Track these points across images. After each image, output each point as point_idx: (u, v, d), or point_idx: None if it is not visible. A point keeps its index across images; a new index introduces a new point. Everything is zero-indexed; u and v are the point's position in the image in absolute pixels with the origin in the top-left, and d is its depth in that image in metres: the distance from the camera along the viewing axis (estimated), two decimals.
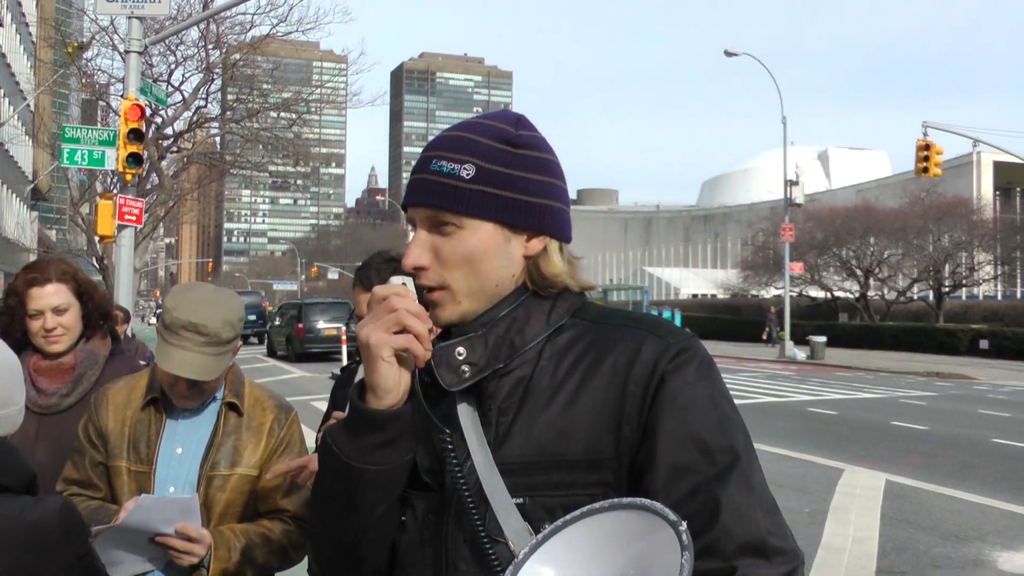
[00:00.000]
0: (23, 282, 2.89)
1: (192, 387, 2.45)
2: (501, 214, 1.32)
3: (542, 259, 1.36)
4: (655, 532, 1.08)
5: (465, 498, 1.27)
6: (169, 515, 2.25)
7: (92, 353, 2.96)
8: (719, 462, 1.26)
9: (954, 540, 7.74)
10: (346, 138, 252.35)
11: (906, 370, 28.79)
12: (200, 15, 22.42)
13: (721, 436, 1.28)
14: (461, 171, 1.31)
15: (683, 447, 1.25)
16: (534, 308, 1.35)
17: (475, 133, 1.35)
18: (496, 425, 1.31)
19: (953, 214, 45.25)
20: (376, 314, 1.25)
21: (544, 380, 1.32)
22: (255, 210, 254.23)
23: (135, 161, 14.05)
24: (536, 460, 1.28)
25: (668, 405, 1.27)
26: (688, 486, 1.24)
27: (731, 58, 34.54)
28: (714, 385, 1.32)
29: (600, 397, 1.29)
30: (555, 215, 1.37)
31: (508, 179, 1.33)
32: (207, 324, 2.36)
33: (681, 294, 73.81)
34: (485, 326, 1.33)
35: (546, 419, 1.30)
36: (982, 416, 16.99)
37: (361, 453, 1.26)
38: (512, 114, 1.41)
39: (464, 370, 1.31)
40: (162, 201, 27.34)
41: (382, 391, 1.25)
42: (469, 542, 1.28)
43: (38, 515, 1.77)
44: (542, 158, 1.37)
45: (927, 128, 25.73)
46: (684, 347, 1.32)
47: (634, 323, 1.36)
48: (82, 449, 2.55)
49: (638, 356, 1.30)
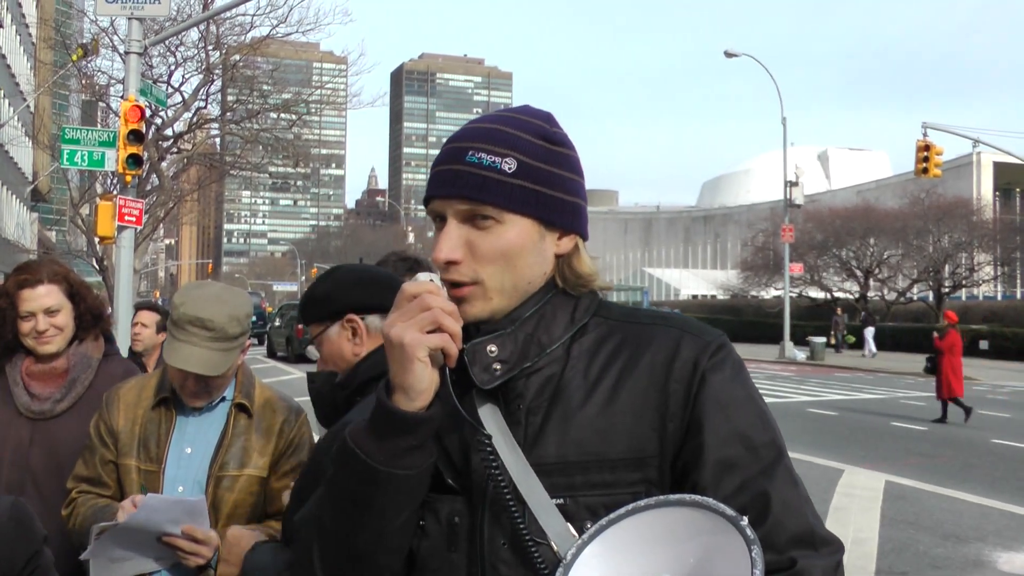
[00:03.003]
0: (14, 284, 2.84)
1: (201, 384, 2.45)
2: (541, 210, 1.30)
3: (575, 258, 1.35)
4: (709, 526, 1.08)
5: (506, 499, 1.23)
6: (176, 516, 2.24)
7: (85, 356, 2.91)
8: (764, 457, 1.27)
9: (954, 540, 7.75)
10: (346, 139, 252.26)
11: (906, 371, 28.79)
12: (200, 16, 22.42)
13: (764, 431, 1.29)
14: (503, 164, 1.28)
15: (729, 443, 1.26)
16: (560, 306, 1.34)
17: (513, 127, 1.32)
18: (525, 425, 1.29)
19: (953, 215, 45.23)
20: (407, 312, 1.21)
21: (576, 379, 1.30)
22: (255, 211, 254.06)
23: (135, 162, 14.05)
24: (576, 460, 1.27)
25: (712, 402, 1.28)
26: (736, 481, 1.24)
27: (731, 59, 34.56)
28: (747, 382, 1.34)
29: (640, 395, 1.29)
30: (583, 214, 1.36)
31: (547, 176, 1.31)
32: (213, 319, 2.37)
33: (681, 295, 73.83)
34: (514, 323, 1.31)
35: (583, 418, 1.28)
36: (982, 417, 16.98)
37: (390, 457, 1.22)
38: (542, 110, 1.39)
39: (495, 368, 1.28)
40: (162, 202, 27.31)
41: (415, 392, 1.20)
42: (510, 544, 1.25)
43: None
44: (573, 156, 1.37)
45: (927, 129, 25.72)
46: (720, 344, 1.33)
47: (664, 321, 1.36)
48: (93, 447, 2.55)
49: (677, 354, 1.30)
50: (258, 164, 29.32)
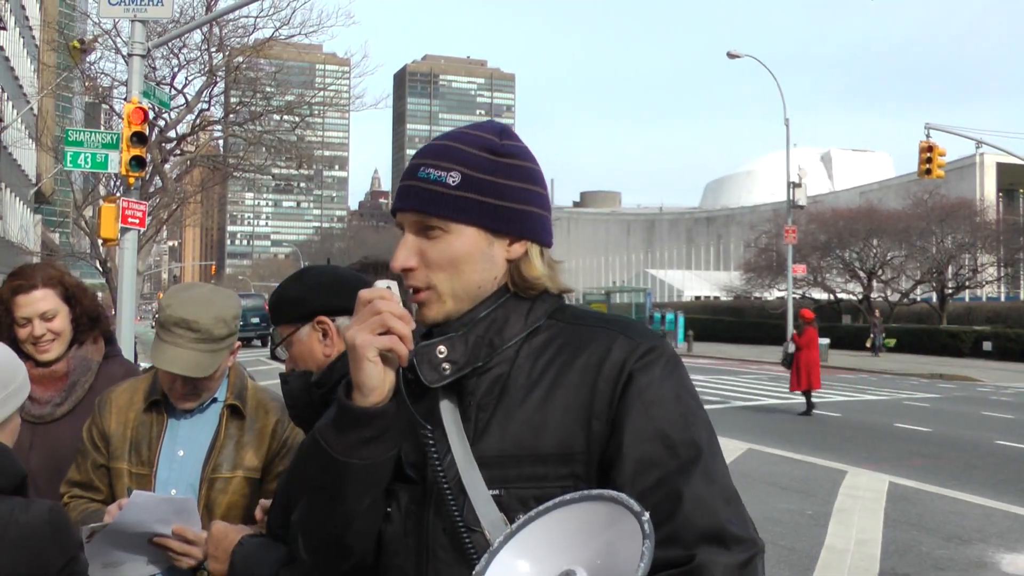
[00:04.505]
0: (8, 289, 2.82)
1: (189, 386, 2.44)
2: (485, 219, 1.39)
3: (523, 262, 1.43)
4: (621, 522, 1.13)
5: (444, 490, 1.33)
6: (165, 515, 2.23)
7: (85, 359, 2.90)
8: (682, 456, 1.31)
9: (957, 542, 7.73)
10: (349, 141, 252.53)
11: (909, 372, 28.76)
12: (203, 18, 22.43)
13: (684, 431, 1.33)
14: (447, 178, 1.38)
15: (648, 441, 1.32)
16: (513, 309, 1.42)
17: (461, 142, 1.42)
18: (475, 421, 1.38)
19: (956, 216, 45.19)
20: (362, 316, 1.31)
21: (520, 378, 1.39)
22: (258, 213, 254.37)
23: (138, 164, 14.06)
24: (512, 454, 1.35)
25: (635, 401, 1.34)
26: (653, 478, 1.30)
27: (734, 61, 34.58)
28: (680, 383, 1.38)
29: (572, 394, 1.36)
30: (536, 221, 1.44)
31: (492, 186, 1.39)
32: (199, 320, 2.37)
33: (684, 296, 73.75)
34: (466, 326, 1.40)
35: (521, 415, 1.36)
36: (985, 418, 16.97)
37: (348, 448, 1.33)
38: (497, 124, 1.48)
39: (445, 368, 1.38)
40: (165, 204, 27.31)
41: (367, 389, 1.31)
42: (448, 531, 1.34)
43: (28, 516, 1.77)
44: (524, 167, 1.44)
45: (930, 130, 25.69)
46: (652, 347, 1.38)
47: (606, 324, 1.43)
48: (85, 451, 2.54)
49: (608, 355, 1.37)
50: (261, 166, 29.29)
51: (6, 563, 1.72)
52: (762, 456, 12.06)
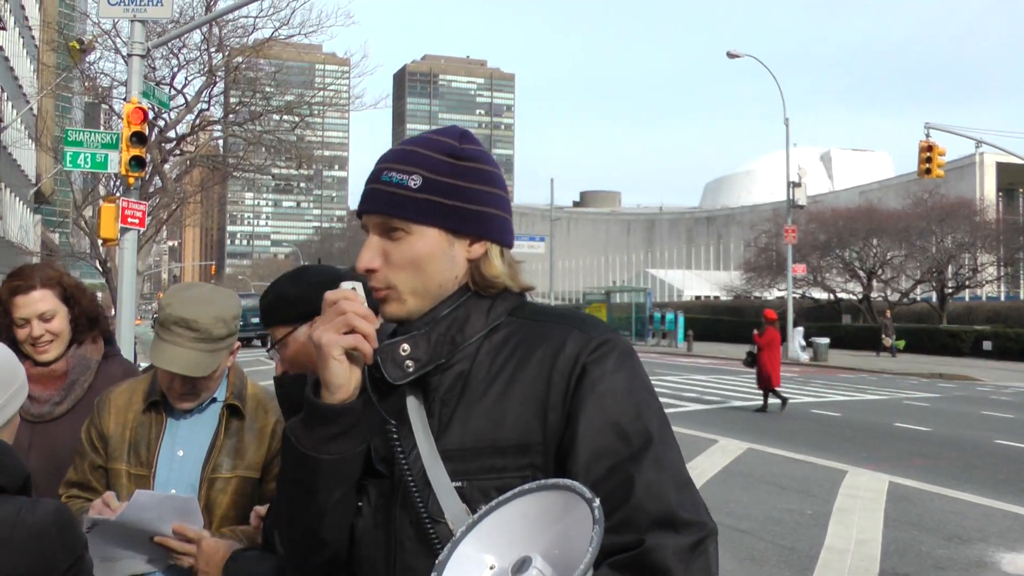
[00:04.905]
0: (7, 290, 2.82)
1: (187, 386, 2.44)
2: (445, 220, 1.44)
3: (483, 262, 1.47)
4: (575, 509, 1.18)
5: (409, 483, 1.38)
6: (166, 514, 2.23)
7: (84, 359, 2.90)
8: (634, 444, 1.35)
9: (957, 542, 7.73)
10: (349, 141, 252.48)
11: (909, 371, 28.76)
12: (202, 18, 22.44)
13: (637, 421, 1.38)
14: (409, 181, 1.43)
15: (602, 431, 1.36)
16: (474, 307, 1.47)
17: (423, 147, 1.47)
18: (439, 416, 1.42)
19: (956, 215, 45.21)
20: (327, 316, 1.36)
21: (481, 374, 1.43)
22: (258, 213, 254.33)
23: (138, 164, 14.06)
24: (472, 447, 1.39)
25: (588, 393, 1.38)
26: (606, 466, 1.34)
27: (734, 60, 34.59)
28: (632, 374, 1.42)
29: (529, 388, 1.40)
30: (495, 222, 1.49)
31: (452, 188, 1.44)
32: (198, 320, 2.37)
33: (684, 296, 73.76)
34: (428, 324, 1.44)
35: (481, 409, 1.41)
36: (985, 418, 16.97)
37: (316, 444, 1.38)
38: (458, 129, 1.53)
39: (408, 365, 1.42)
40: (165, 204, 27.32)
41: (334, 387, 1.36)
42: (414, 523, 1.38)
43: (35, 517, 1.77)
44: (484, 170, 1.49)
45: (929, 129, 25.70)
46: (604, 340, 1.43)
47: (561, 319, 1.47)
48: (83, 452, 2.53)
49: (562, 349, 1.41)
50: (261, 166, 29.30)
51: (16, 564, 1.72)
52: (762, 456, 12.06)
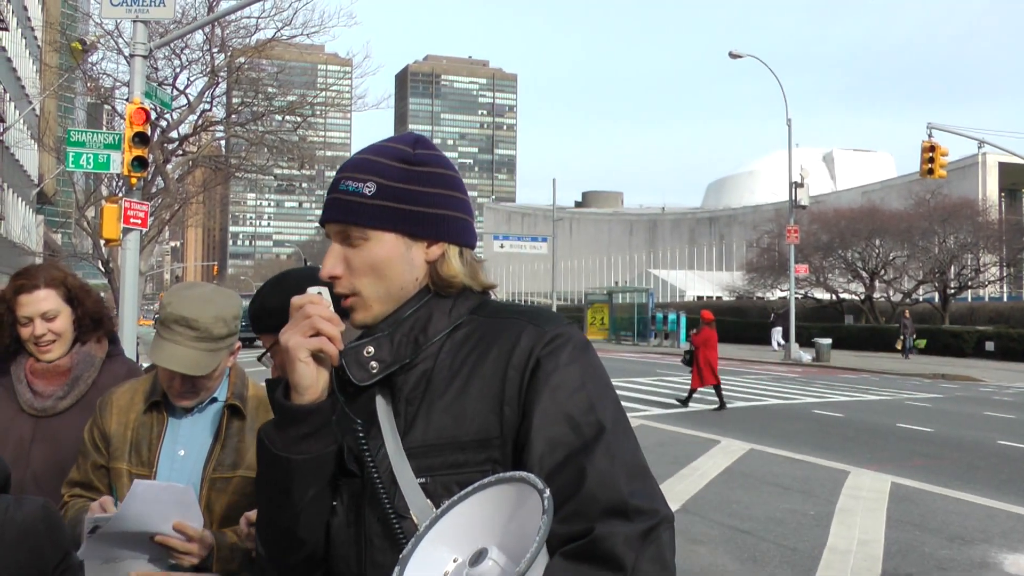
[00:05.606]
0: (12, 289, 2.84)
1: (187, 385, 2.44)
2: (401, 225, 1.48)
3: (441, 263, 1.51)
4: (529, 500, 1.22)
5: (375, 481, 1.41)
6: (166, 507, 2.22)
7: (88, 355, 2.92)
8: (585, 435, 1.38)
9: (960, 542, 7.72)
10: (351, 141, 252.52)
11: (911, 372, 28.74)
12: (205, 19, 22.47)
13: (589, 412, 1.40)
14: (364, 189, 1.47)
15: (555, 423, 1.39)
16: (436, 308, 1.51)
17: (377, 155, 1.51)
18: (404, 414, 1.46)
19: (958, 215, 45.18)
20: (294, 320, 1.41)
21: (443, 372, 1.47)
22: (260, 213, 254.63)
23: (140, 165, 14.07)
24: (435, 443, 1.42)
25: (542, 386, 1.41)
26: (559, 457, 1.37)
27: (736, 61, 34.57)
28: (586, 367, 1.45)
29: (486, 383, 1.44)
30: (452, 223, 1.52)
31: (406, 193, 1.48)
32: (198, 319, 2.38)
33: (686, 296, 73.71)
34: (392, 326, 1.49)
35: (442, 406, 1.44)
36: (988, 418, 16.96)
37: (287, 444, 1.42)
38: (412, 136, 1.57)
39: (373, 366, 1.46)
40: (167, 204, 27.35)
41: (302, 388, 1.41)
42: (381, 520, 1.42)
43: (23, 515, 1.77)
44: (439, 173, 1.52)
45: (932, 130, 25.67)
46: (558, 334, 1.46)
47: (518, 315, 1.50)
48: (86, 452, 2.55)
49: (517, 344, 1.44)
50: (263, 166, 29.34)
51: (7, 561, 1.73)
52: (764, 456, 12.05)
